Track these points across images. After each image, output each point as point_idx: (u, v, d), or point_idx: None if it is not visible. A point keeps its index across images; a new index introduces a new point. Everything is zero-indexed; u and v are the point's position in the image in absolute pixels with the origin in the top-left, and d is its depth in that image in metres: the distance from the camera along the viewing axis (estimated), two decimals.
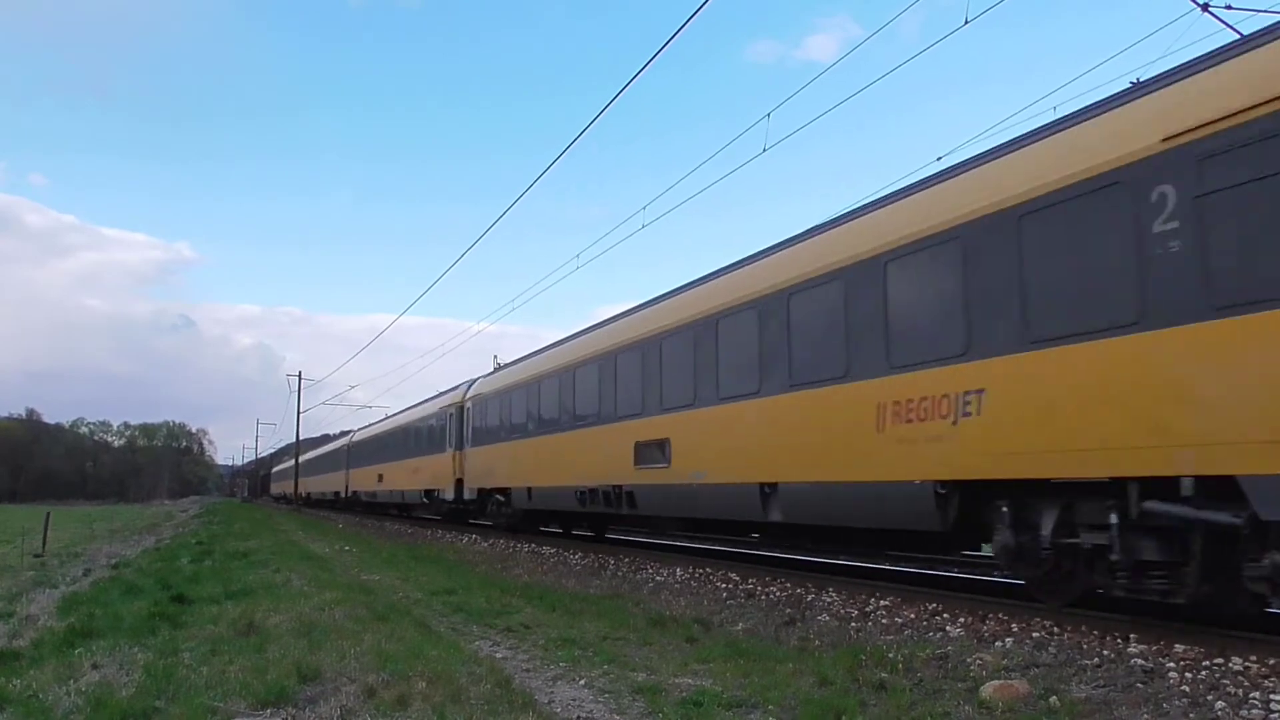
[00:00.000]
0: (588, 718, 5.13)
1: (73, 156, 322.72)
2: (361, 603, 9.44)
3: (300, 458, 59.15)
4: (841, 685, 5.71)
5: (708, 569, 13.25)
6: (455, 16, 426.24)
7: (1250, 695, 5.32)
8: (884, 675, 5.97)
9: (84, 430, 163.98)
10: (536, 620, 8.71)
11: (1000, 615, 8.24)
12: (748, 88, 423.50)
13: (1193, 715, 5.07)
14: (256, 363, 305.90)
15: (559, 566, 15.05)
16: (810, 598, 10.11)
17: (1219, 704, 5.18)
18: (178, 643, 7.37)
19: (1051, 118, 8.36)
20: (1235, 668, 5.93)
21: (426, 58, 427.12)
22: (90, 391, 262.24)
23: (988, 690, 5.43)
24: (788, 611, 9.25)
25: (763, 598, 10.38)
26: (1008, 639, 7.27)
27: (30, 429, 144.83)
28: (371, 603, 9.55)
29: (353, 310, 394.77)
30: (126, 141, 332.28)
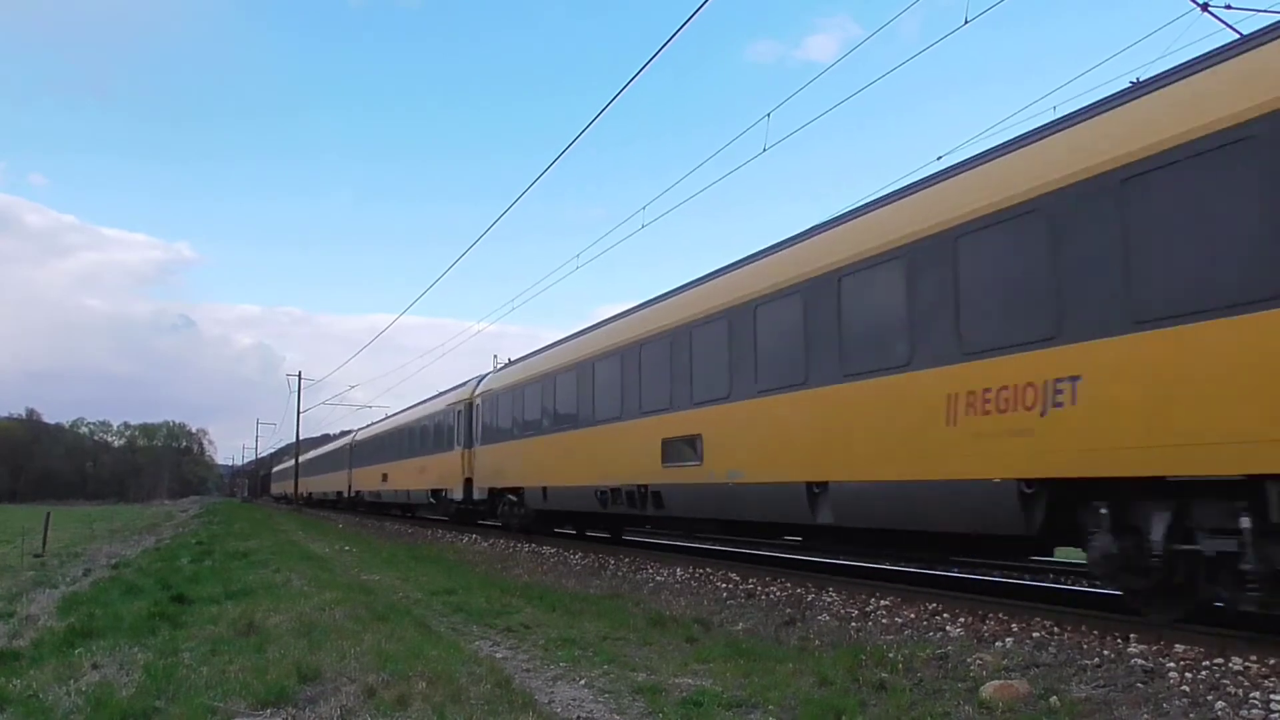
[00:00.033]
0: (588, 718, 5.13)
1: (73, 156, 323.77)
2: (361, 603, 9.45)
3: (301, 457, 59.12)
4: (841, 685, 5.71)
5: (708, 569, 13.25)
6: (455, 16, 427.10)
7: (1250, 695, 5.32)
8: (884, 675, 5.97)
9: (84, 430, 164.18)
10: (536, 620, 8.72)
11: (1000, 615, 8.24)
12: (747, 88, 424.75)
13: (1193, 715, 5.07)
14: (256, 363, 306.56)
15: (559, 566, 15.05)
16: (810, 598, 10.11)
17: (1219, 704, 5.18)
18: (178, 643, 7.38)
19: (1050, 116, 8.31)
20: (1235, 668, 5.94)
21: (426, 58, 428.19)
22: (90, 391, 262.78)
23: (988, 690, 5.44)
24: (788, 611, 9.25)
25: (763, 598, 10.38)
26: (1008, 639, 7.28)
27: (30, 429, 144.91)
28: (371, 603, 9.55)
29: (353, 310, 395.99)
30: (126, 141, 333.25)
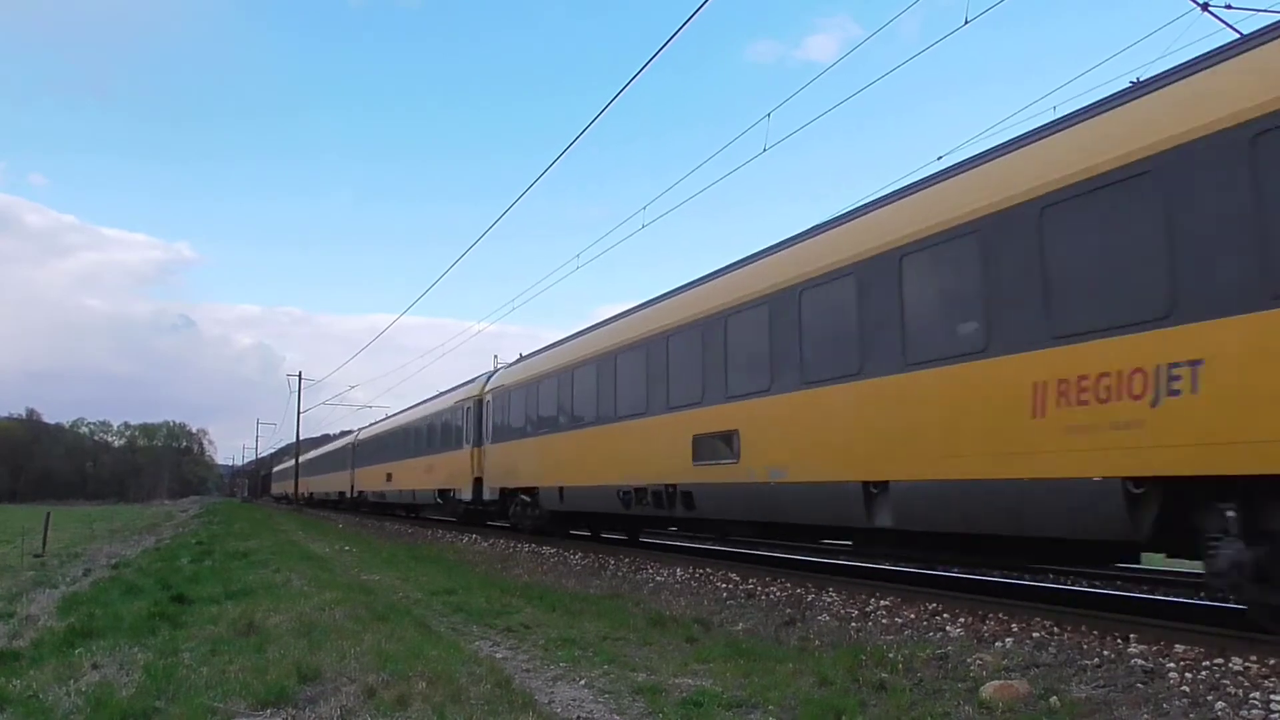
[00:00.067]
0: (588, 718, 5.13)
1: (73, 156, 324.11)
2: (361, 603, 9.45)
3: (302, 457, 59.06)
4: (841, 685, 5.71)
5: (708, 569, 13.25)
6: (455, 16, 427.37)
7: (1250, 695, 5.32)
8: (884, 675, 5.97)
9: (84, 430, 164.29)
10: (536, 620, 8.71)
11: (1000, 615, 8.24)
12: (748, 88, 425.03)
13: (1193, 715, 5.07)
14: (256, 363, 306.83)
15: (559, 566, 15.05)
16: (810, 598, 10.11)
17: (1219, 704, 5.18)
18: (178, 643, 7.38)
19: (1051, 116, 8.25)
20: (1235, 668, 5.93)
21: (426, 58, 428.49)
22: (90, 391, 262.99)
23: (988, 690, 5.43)
24: (788, 611, 9.25)
25: (763, 598, 10.38)
26: (1008, 639, 7.27)
27: (30, 429, 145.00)
28: (371, 603, 9.55)
29: (353, 310, 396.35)
30: (126, 141, 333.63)
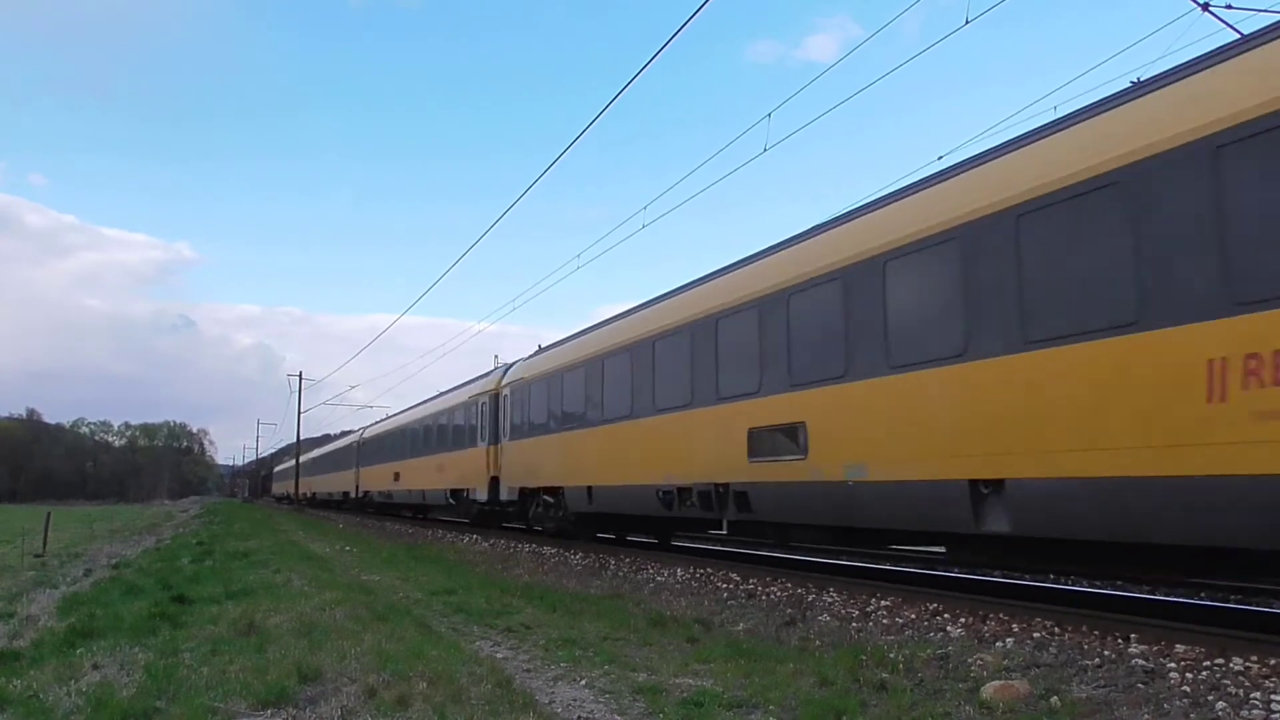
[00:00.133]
0: (588, 718, 5.13)
1: (73, 156, 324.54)
2: (362, 603, 9.45)
3: (305, 456, 58.99)
4: (842, 685, 5.71)
5: (708, 569, 13.24)
6: (455, 16, 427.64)
7: (1251, 695, 5.31)
8: (885, 675, 5.97)
9: (84, 430, 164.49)
10: (537, 620, 8.71)
11: (1001, 615, 8.23)
12: (748, 88, 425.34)
13: (1193, 715, 5.07)
14: (256, 363, 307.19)
15: (559, 566, 15.05)
16: (811, 598, 10.10)
17: (1220, 704, 5.17)
18: (178, 643, 7.38)
19: (1051, 116, 8.25)
20: (1236, 668, 5.93)
21: (426, 58, 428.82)
22: (90, 391, 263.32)
23: (988, 690, 5.43)
24: (788, 611, 9.24)
25: (763, 598, 10.38)
26: (1008, 639, 7.27)
27: (30, 429, 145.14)
28: (372, 603, 9.55)
29: (353, 310, 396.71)
30: (126, 141, 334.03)
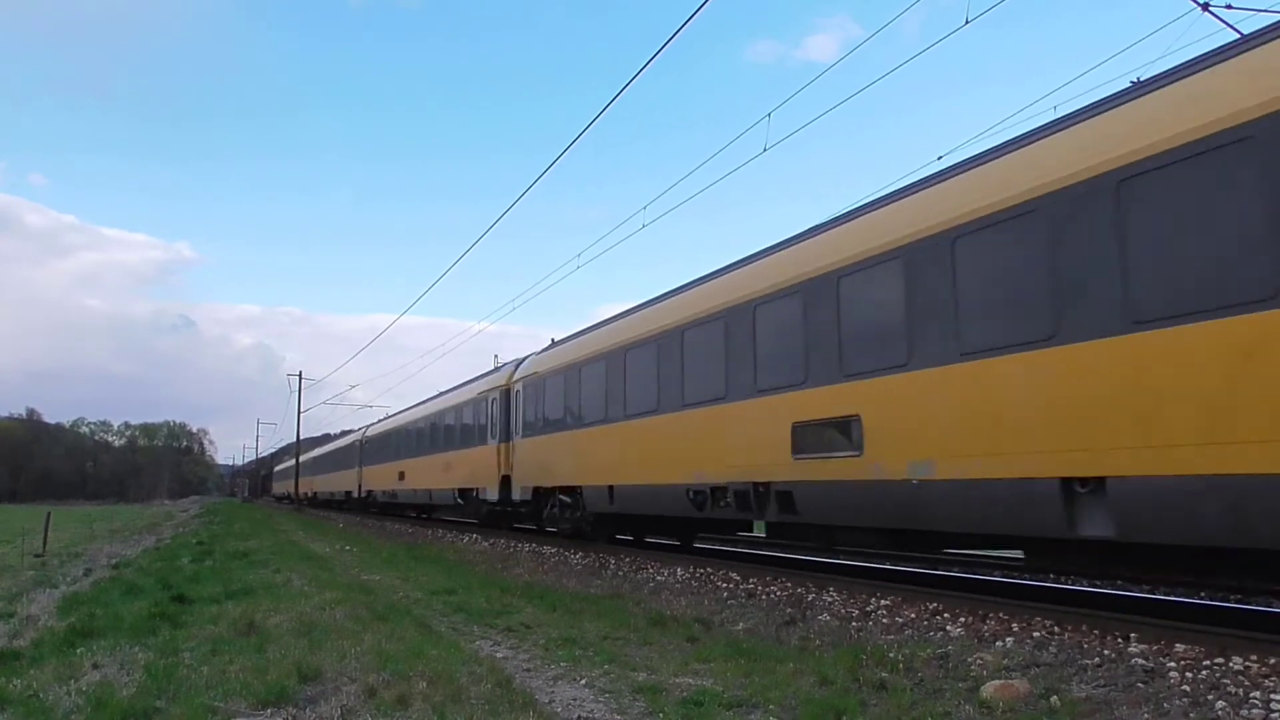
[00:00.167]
0: (588, 717, 5.14)
1: (73, 156, 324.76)
2: (362, 602, 9.45)
3: (306, 456, 58.93)
4: (842, 685, 5.71)
5: (708, 569, 13.24)
6: (455, 16, 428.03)
7: (1251, 695, 5.32)
8: (885, 675, 5.97)
9: (84, 430, 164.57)
10: (537, 620, 8.71)
11: (1001, 615, 8.23)
12: (748, 88, 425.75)
13: (1193, 715, 5.07)
14: (256, 363, 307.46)
15: (560, 566, 15.05)
16: (811, 597, 10.10)
17: (1219, 704, 5.18)
18: (178, 642, 7.38)
19: (1052, 116, 8.23)
20: (1236, 667, 5.93)
21: (426, 58, 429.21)
22: (90, 391, 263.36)
23: (988, 690, 5.44)
24: (788, 611, 9.24)
25: (763, 597, 10.38)
26: (1008, 639, 7.27)
27: (30, 429, 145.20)
28: (372, 602, 9.55)
29: (353, 310, 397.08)
30: (126, 141, 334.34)
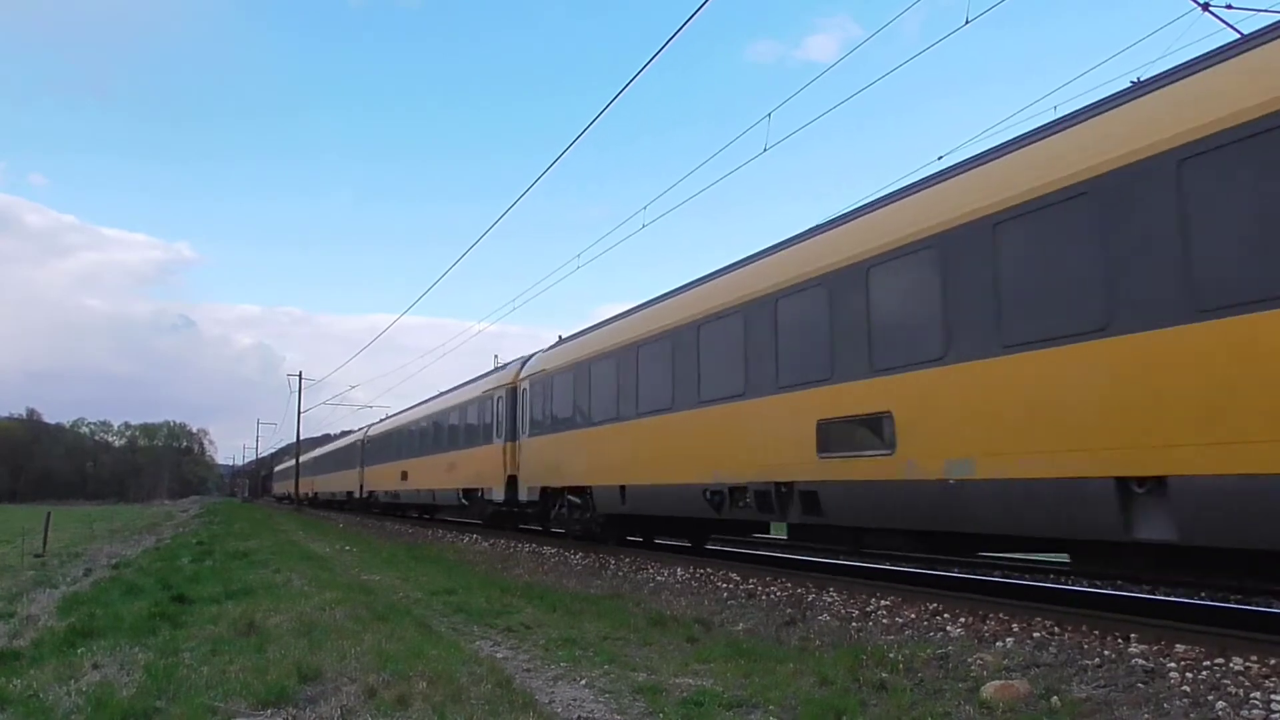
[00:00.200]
0: (588, 718, 5.13)
1: (73, 156, 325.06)
2: (362, 603, 9.45)
3: (306, 456, 58.90)
4: (842, 685, 5.71)
5: (708, 569, 13.24)
6: (455, 16, 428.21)
7: (1251, 695, 5.31)
8: (885, 675, 5.97)
9: (84, 430, 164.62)
10: (537, 620, 8.71)
11: (1001, 615, 8.23)
12: (748, 88, 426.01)
13: (1193, 715, 5.07)
14: (256, 363, 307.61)
15: (560, 566, 15.05)
16: (811, 598, 10.10)
17: (1220, 704, 5.18)
18: (178, 643, 7.38)
19: (1052, 115, 8.22)
20: (1236, 668, 5.93)
21: (426, 58, 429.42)
22: (90, 391, 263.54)
23: (988, 690, 5.43)
24: (788, 611, 9.24)
25: (763, 598, 10.38)
26: (1008, 639, 7.27)
27: (30, 429, 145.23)
28: (372, 603, 9.55)
29: (353, 310, 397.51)
30: (126, 141, 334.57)
